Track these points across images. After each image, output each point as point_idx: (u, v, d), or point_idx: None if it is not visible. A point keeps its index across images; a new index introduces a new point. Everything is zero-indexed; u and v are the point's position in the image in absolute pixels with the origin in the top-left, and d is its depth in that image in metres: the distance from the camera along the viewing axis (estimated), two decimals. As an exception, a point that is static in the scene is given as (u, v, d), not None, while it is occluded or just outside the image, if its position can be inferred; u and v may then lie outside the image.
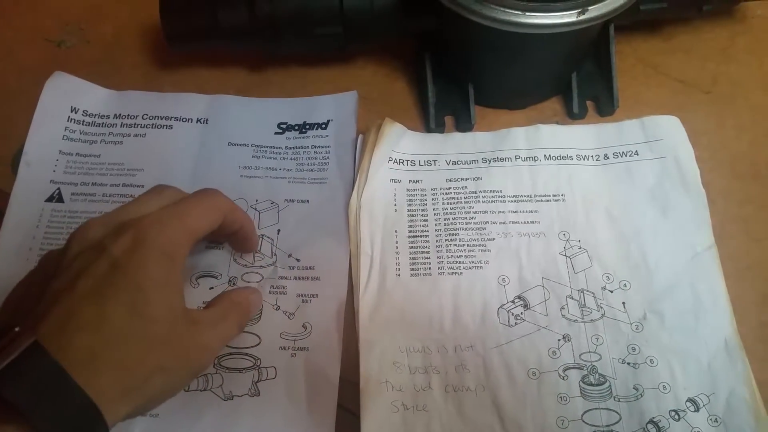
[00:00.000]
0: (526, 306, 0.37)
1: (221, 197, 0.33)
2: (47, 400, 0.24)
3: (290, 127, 0.44)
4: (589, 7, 0.35)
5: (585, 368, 0.35)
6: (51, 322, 0.26)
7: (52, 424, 0.23)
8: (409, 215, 0.40)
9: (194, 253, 0.39)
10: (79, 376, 0.24)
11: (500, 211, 0.40)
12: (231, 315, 0.33)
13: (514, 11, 0.34)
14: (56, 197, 0.41)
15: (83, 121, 0.44)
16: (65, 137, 0.43)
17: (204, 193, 0.32)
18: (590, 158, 0.41)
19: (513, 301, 0.37)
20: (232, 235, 0.36)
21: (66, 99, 0.44)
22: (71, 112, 0.44)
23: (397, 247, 0.39)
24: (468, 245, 0.39)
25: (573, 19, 0.35)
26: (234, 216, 0.34)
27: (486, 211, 0.40)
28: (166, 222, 0.29)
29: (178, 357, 0.28)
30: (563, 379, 0.35)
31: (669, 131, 0.42)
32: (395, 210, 0.40)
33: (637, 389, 0.34)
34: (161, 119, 0.44)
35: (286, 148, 0.43)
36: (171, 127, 0.44)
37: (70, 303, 0.26)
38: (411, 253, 0.39)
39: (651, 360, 0.35)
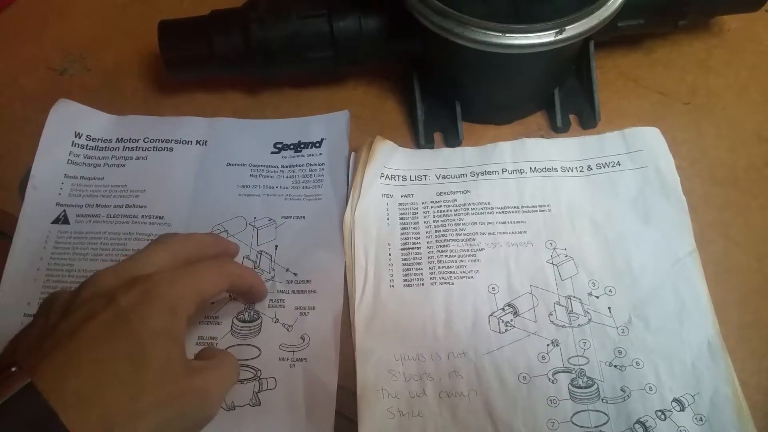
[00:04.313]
0: (515, 313, 0.38)
1: (231, 264, 0.36)
2: None
3: (286, 147, 0.46)
4: (566, 27, 0.37)
5: (573, 372, 0.36)
6: (49, 363, 0.27)
7: None
8: (402, 228, 0.42)
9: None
10: (67, 418, 0.25)
11: (489, 222, 0.41)
12: (227, 360, 0.34)
13: (494, 33, 0.36)
14: (62, 219, 0.43)
15: (87, 145, 0.46)
16: (70, 161, 0.45)
17: (215, 260, 0.35)
18: (574, 170, 0.43)
19: (503, 309, 0.39)
20: (241, 294, 0.39)
21: (70, 125, 0.46)
22: (75, 137, 0.46)
23: (390, 259, 0.41)
24: (458, 256, 0.40)
25: (551, 38, 0.36)
26: (242, 280, 0.36)
27: (475, 223, 0.41)
28: (176, 279, 0.31)
29: (171, 404, 0.29)
30: (552, 382, 0.36)
31: (649, 142, 0.43)
32: (388, 223, 0.42)
33: (624, 391, 0.36)
34: (162, 142, 0.46)
35: (282, 166, 0.45)
36: (171, 149, 0.45)
37: (71, 347, 0.27)
38: (404, 264, 0.40)
39: (637, 362, 0.36)
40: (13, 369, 0.27)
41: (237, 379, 0.34)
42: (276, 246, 0.42)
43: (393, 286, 0.40)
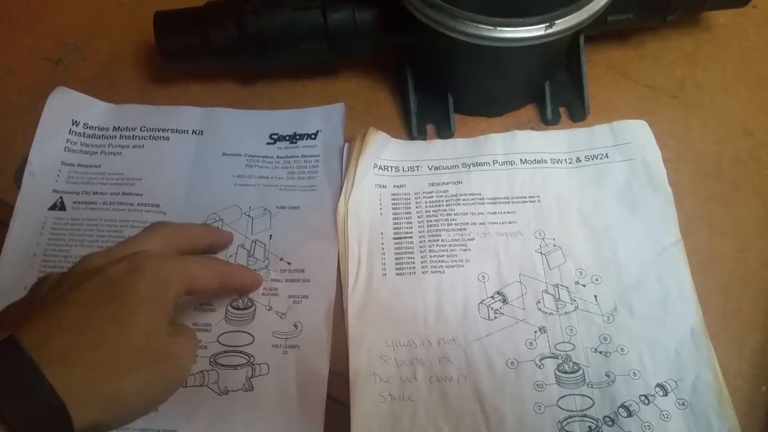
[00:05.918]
0: (504, 301, 0.39)
1: (222, 262, 0.39)
2: (16, 391, 0.24)
3: (281, 138, 0.46)
4: (556, 21, 0.37)
5: (560, 357, 0.37)
6: (35, 322, 0.27)
7: (19, 415, 0.24)
8: (394, 218, 0.43)
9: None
10: (50, 373, 0.25)
11: (479, 213, 0.42)
12: (189, 330, 0.34)
13: (486, 26, 0.37)
14: (59, 206, 0.43)
15: (84, 133, 0.46)
16: (67, 149, 0.45)
17: (207, 257, 0.37)
18: (563, 161, 0.44)
19: (492, 297, 0.39)
20: (234, 291, 0.40)
21: (67, 113, 0.46)
22: (72, 125, 0.46)
23: (383, 249, 0.41)
24: (450, 245, 0.41)
25: (541, 32, 0.37)
26: (233, 278, 0.38)
27: (466, 213, 0.42)
28: (166, 258, 0.32)
29: (152, 365, 0.29)
30: (539, 368, 0.37)
31: (637, 134, 0.44)
32: (381, 213, 0.43)
33: (608, 376, 0.37)
34: (158, 131, 0.46)
35: (278, 157, 0.45)
36: (168, 138, 0.46)
37: (57, 309, 0.28)
38: (396, 253, 0.41)
39: (621, 348, 0.37)
40: None
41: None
42: (270, 235, 0.42)
43: (385, 274, 0.40)
